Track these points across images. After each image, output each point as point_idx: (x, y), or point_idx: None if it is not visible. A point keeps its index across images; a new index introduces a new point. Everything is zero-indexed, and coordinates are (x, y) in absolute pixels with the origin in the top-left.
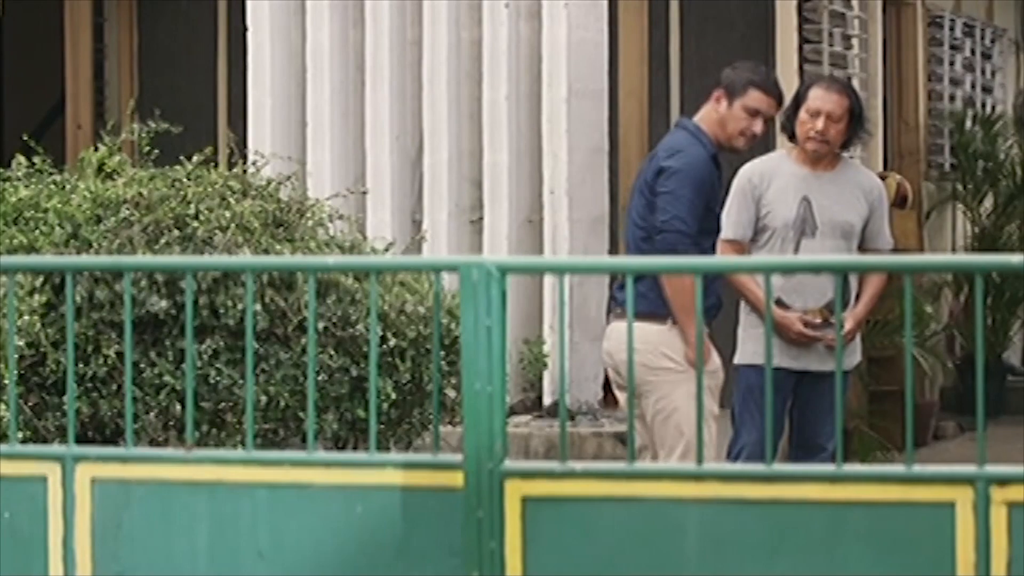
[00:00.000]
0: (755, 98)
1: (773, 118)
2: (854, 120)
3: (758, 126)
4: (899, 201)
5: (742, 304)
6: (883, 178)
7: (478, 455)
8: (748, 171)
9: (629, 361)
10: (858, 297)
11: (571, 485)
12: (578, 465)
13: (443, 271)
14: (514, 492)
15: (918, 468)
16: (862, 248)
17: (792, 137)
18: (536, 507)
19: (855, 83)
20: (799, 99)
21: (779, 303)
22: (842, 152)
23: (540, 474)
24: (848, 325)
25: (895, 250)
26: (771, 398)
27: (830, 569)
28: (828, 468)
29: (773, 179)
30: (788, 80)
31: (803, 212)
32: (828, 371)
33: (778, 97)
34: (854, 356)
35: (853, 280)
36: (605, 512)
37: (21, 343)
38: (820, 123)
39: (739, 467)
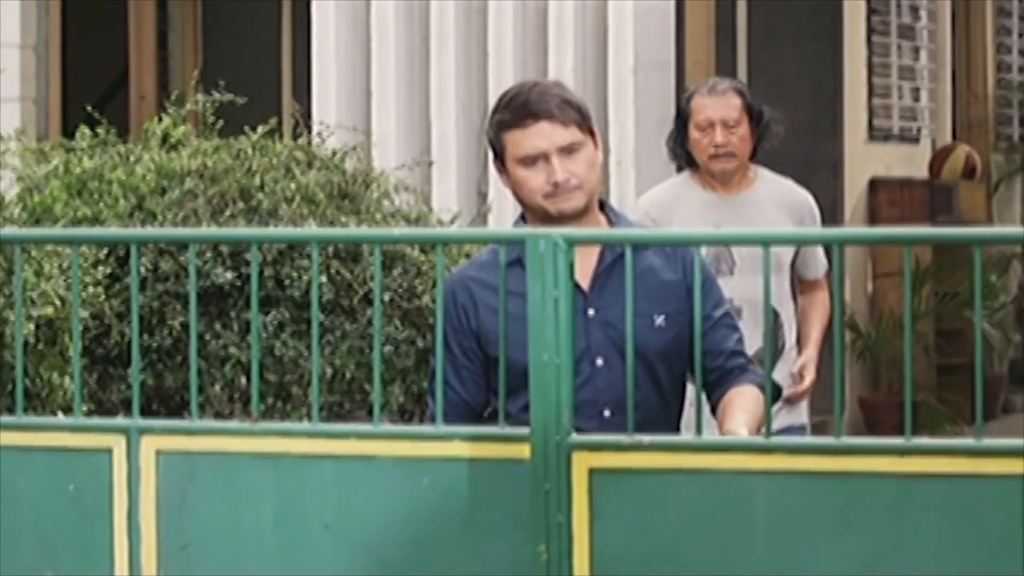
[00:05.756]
0: (513, 142)
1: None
2: (755, 120)
3: (539, 177)
4: (968, 172)
5: None
6: (951, 150)
7: (545, 427)
8: (645, 203)
9: (698, 304)
10: (800, 339)
11: (639, 457)
12: (646, 437)
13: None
14: (581, 464)
15: (987, 441)
16: (796, 278)
17: (690, 163)
18: (603, 479)
19: (923, 55)
20: (682, 116)
21: None
22: (753, 164)
23: (607, 446)
24: (808, 378)
25: (963, 222)
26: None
27: (899, 541)
28: (897, 441)
29: (675, 210)
30: (855, 52)
31: (715, 247)
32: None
33: (545, 111)
34: (800, 417)
35: (787, 323)
36: (673, 484)
37: (86, 315)
38: (717, 135)
39: (808, 439)
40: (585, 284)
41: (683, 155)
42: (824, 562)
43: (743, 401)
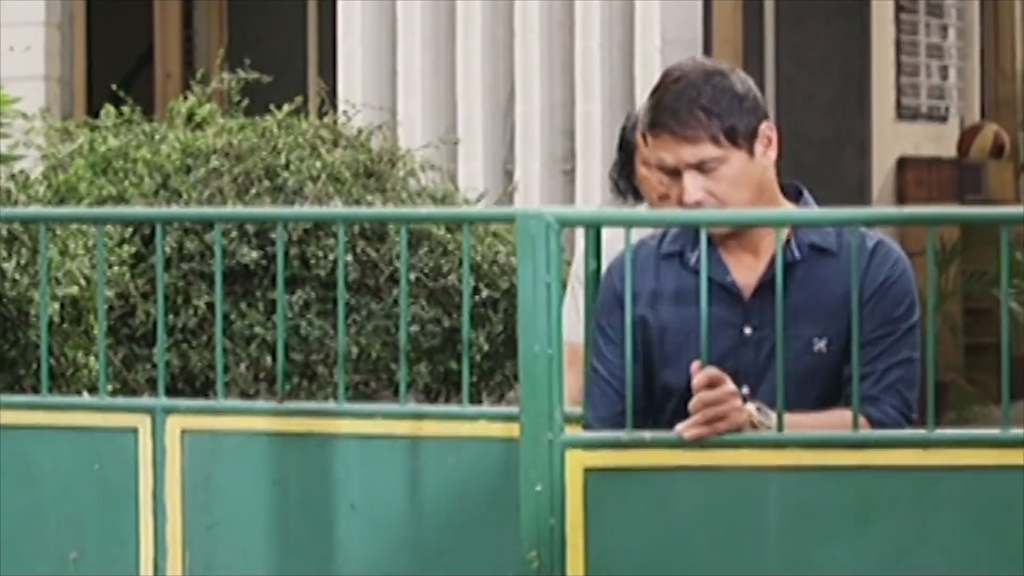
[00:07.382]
0: (647, 142)
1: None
2: None
3: (672, 188)
4: (996, 151)
5: None
6: (979, 128)
7: (536, 424)
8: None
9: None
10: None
11: (638, 455)
12: (647, 433)
13: (501, 223)
14: (575, 463)
15: (1015, 431)
16: None
17: (638, 197)
18: (600, 479)
19: (951, 33)
20: (627, 148)
21: None
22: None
23: (604, 444)
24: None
25: (992, 201)
26: None
27: (920, 537)
28: (919, 433)
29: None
30: (883, 30)
31: None
32: None
33: (667, 126)
34: None
35: None
36: (677, 484)
37: (111, 294)
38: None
39: (823, 433)
40: (747, 292)
41: (629, 190)
42: (840, 565)
43: (822, 415)
